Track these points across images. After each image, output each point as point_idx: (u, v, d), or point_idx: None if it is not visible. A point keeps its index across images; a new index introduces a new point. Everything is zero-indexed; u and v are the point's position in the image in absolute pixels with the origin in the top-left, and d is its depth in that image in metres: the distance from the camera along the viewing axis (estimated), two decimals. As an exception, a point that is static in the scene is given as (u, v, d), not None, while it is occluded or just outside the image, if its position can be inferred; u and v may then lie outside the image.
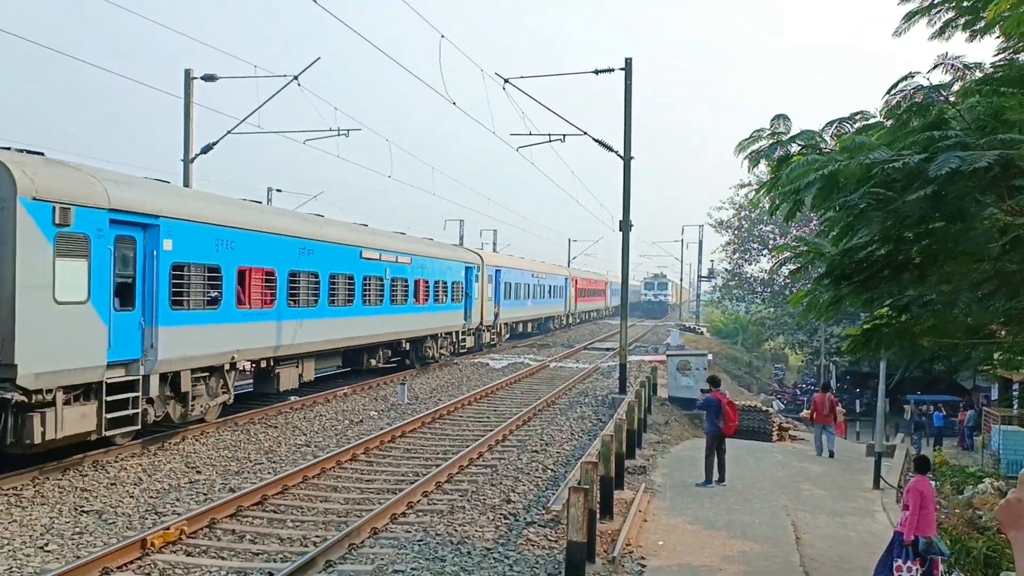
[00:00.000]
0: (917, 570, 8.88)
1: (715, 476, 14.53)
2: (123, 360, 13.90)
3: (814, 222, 30.08)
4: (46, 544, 9.74)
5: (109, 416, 13.38)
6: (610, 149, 24.73)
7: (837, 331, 39.10)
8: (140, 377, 14.20)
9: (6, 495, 11.62)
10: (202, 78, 24.79)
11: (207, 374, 16.55)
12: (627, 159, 24.43)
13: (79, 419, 12.82)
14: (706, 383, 16.06)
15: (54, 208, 12.29)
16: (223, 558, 9.58)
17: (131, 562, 9.19)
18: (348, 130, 26.23)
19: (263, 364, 19.03)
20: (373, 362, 26.19)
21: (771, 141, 7.98)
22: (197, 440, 16.01)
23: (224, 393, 17.34)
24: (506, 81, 23.11)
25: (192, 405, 16.00)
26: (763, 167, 8.72)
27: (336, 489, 13.04)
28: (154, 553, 9.46)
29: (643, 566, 9.85)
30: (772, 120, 8.04)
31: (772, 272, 44.49)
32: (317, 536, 10.41)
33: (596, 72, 24.54)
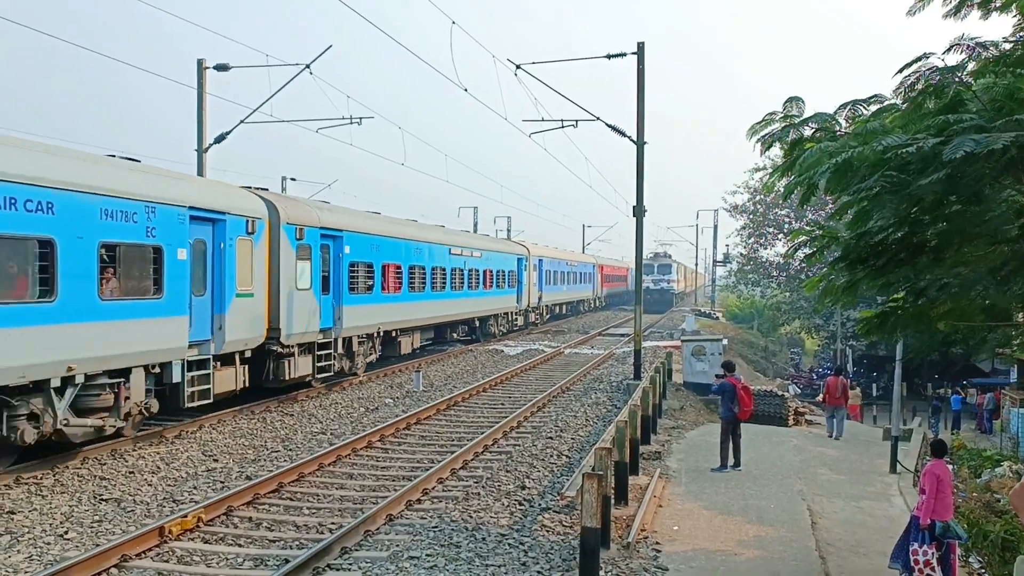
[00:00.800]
0: (934, 554, 8.83)
1: (731, 461, 14.50)
2: (325, 328, 20.74)
3: (830, 205, 29.87)
4: (66, 532, 9.85)
5: (318, 365, 20.40)
6: (623, 134, 24.62)
7: (854, 315, 38.90)
8: (332, 339, 21.09)
9: (27, 484, 11.76)
10: (215, 67, 24.82)
11: (364, 339, 23.43)
12: (640, 144, 24.31)
13: (304, 365, 19.65)
14: (720, 368, 16.00)
15: (296, 229, 18.93)
16: (240, 545, 9.65)
17: (149, 550, 9.28)
18: (361, 118, 26.27)
19: (393, 334, 25.78)
20: (455, 335, 34.22)
21: (784, 124, 7.91)
22: (214, 428, 16.14)
23: (372, 354, 24.31)
24: (518, 67, 23.03)
25: (356, 361, 22.97)
26: (777, 150, 8.66)
27: (352, 476, 13.10)
28: (172, 541, 9.55)
29: (658, 551, 9.85)
30: (785, 103, 7.96)
31: (787, 256, 44.22)
32: (333, 523, 10.47)
33: (609, 57, 24.39)
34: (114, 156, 14.03)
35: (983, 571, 11.25)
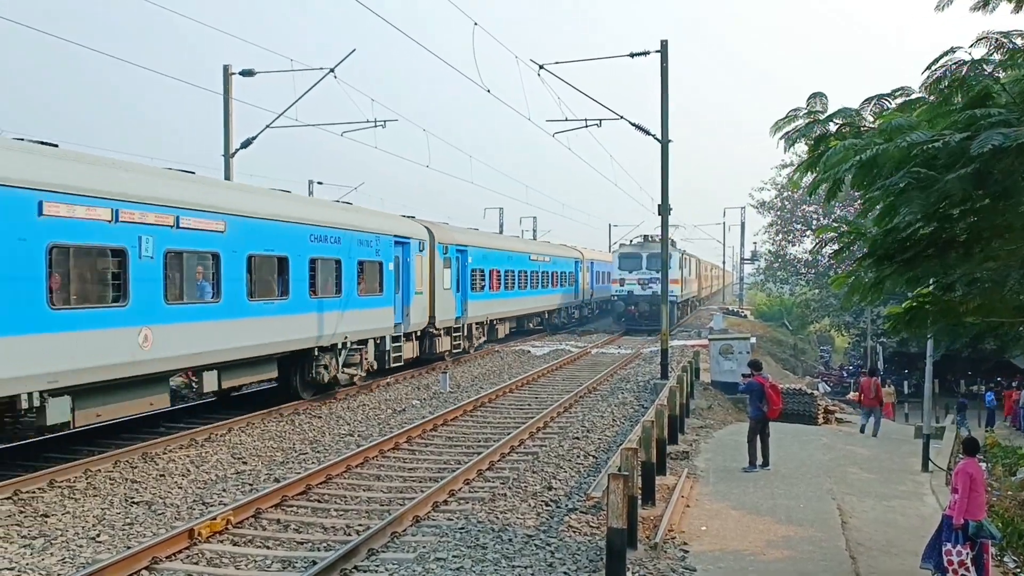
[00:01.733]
0: (967, 554, 8.69)
1: (759, 460, 14.38)
2: (457, 317, 28.44)
3: (859, 202, 29.55)
4: (98, 535, 9.97)
5: (452, 343, 28.13)
6: (647, 133, 24.50)
7: (884, 312, 38.45)
8: (461, 325, 28.93)
9: (60, 487, 11.93)
10: (240, 73, 25.03)
11: (478, 326, 31.34)
12: (665, 142, 24.19)
13: (445, 343, 27.29)
14: (748, 367, 15.88)
15: (444, 246, 26.66)
16: (268, 547, 9.72)
17: (179, 552, 9.37)
18: (385, 121, 26.41)
19: (494, 322, 33.69)
20: (531, 325, 41.41)
21: (808, 120, 7.82)
22: (243, 431, 16.27)
23: (481, 336, 32.18)
24: (541, 67, 22.96)
25: (472, 342, 30.77)
26: (803, 146, 8.57)
27: (379, 478, 13.15)
28: (201, 543, 9.63)
29: (686, 552, 9.79)
30: (808, 98, 7.88)
31: (815, 253, 43.86)
32: (360, 525, 10.52)
33: (632, 55, 24.26)
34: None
35: (1018, 571, 11.05)
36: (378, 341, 22.07)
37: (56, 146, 12.77)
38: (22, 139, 12.32)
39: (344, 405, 19.66)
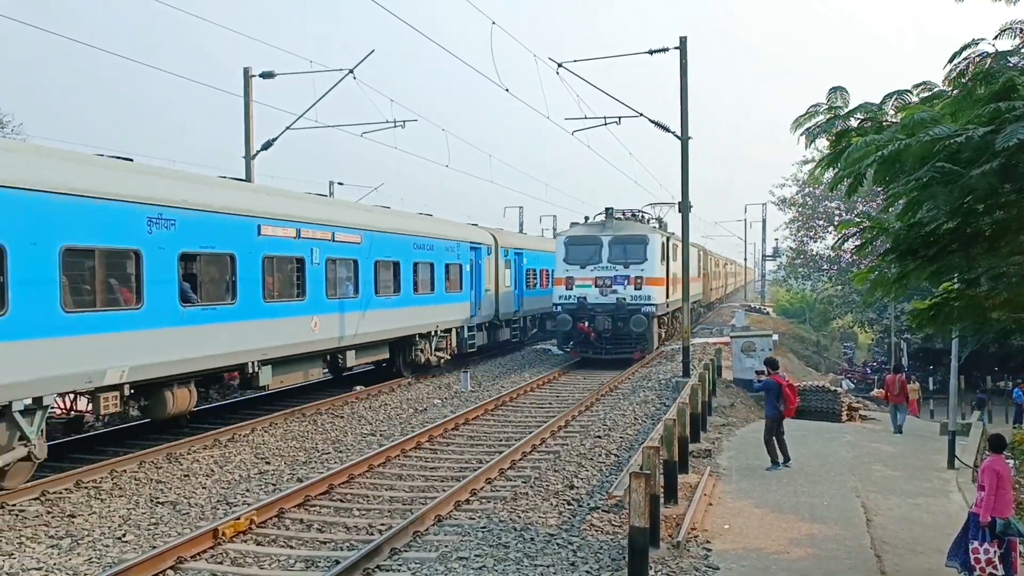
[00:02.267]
0: (995, 552, 8.59)
1: (780, 458, 14.28)
2: (515, 311, 32.32)
3: (881, 197, 29.24)
4: (124, 535, 10.07)
5: (511, 334, 32.19)
6: (667, 130, 24.39)
7: (908, 308, 38.03)
8: (518, 318, 33.01)
9: (86, 488, 12.06)
10: (260, 75, 25.20)
11: (531, 319, 35.45)
12: (684, 139, 24.07)
13: (506, 334, 31.53)
14: (763, 366, 15.79)
15: (505, 250, 30.75)
16: (291, 547, 9.78)
17: (204, 551, 9.44)
18: (404, 121, 26.49)
19: (544, 317, 35.93)
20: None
21: (828, 116, 7.75)
22: (266, 431, 16.38)
23: (533, 328, 36.17)
24: (560, 66, 22.91)
25: (527, 334, 34.99)
26: (824, 142, 8.49)
27: (401, 477, 13.19)
28: (226, 543, 9.71)
29: (708, 550, 9.74)
30: (829, 93, 7.81)
31: (835, 248, 43.55)
32: (382, 524, 10.56)
33: (651, 52, 24.16)
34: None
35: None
36: (458, 330, 26.46)
37: (248, 181, 17.08)
38: (224, 176, 16.45)
39: (366, 405, 19.73)
